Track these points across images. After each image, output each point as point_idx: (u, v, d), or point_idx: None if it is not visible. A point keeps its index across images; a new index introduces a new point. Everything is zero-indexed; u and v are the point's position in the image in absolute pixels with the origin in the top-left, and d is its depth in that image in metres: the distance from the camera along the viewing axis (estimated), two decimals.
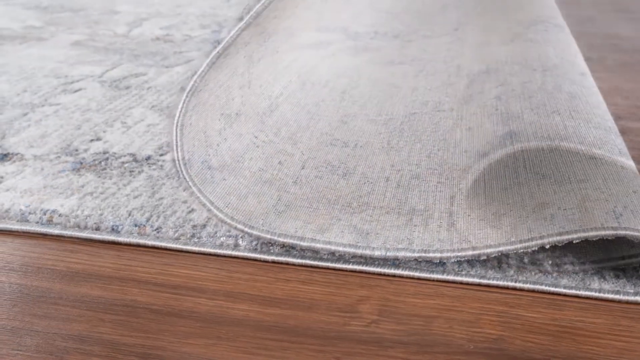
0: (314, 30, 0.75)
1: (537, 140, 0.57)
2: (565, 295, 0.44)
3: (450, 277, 0.46)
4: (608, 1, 1.37)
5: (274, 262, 0.49)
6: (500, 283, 0.45)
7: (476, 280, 0.45)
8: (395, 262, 0.47)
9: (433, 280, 0.46)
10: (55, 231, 0.53)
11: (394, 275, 0.47)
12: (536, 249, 0.44)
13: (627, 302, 0.43)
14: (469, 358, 0.39)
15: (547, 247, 0.43)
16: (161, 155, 0.64)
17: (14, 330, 0.43)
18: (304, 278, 0.47)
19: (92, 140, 0.68)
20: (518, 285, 0.45)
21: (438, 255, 0.45)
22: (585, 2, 1.37)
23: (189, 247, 0.50)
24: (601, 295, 0.43)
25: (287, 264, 0.49)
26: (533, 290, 0.45)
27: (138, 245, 0.51)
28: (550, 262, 0.46)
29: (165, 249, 0.51)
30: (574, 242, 0.43)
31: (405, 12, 1.13)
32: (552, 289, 0.44)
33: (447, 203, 0.51)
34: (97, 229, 0.53)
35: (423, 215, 0.50)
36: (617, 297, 0.43)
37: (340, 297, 0.45)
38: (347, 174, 0.55)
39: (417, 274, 0.46)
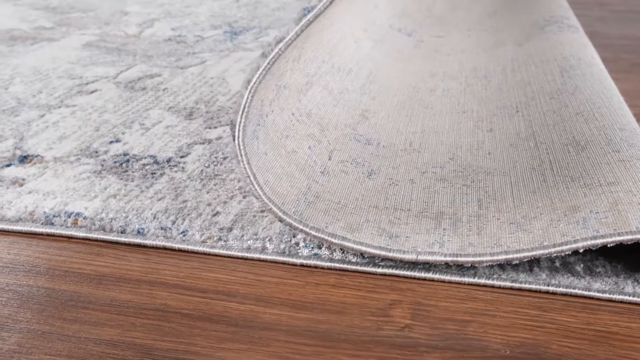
0: (349, 13, 0.75)
1: (562, 143, 0.57)
2: (598, 299, 0.44)
3: (482, 281, 0.45)
4: (617, 2, 1.37)
5: (302, 265, 0.49)
6: (533, 287, 0.45)
7: (508, 283, 0.45)
8: (426, 266, 0.47)
9: (464, 283, 0.46)
10: (81, 234, 0.52)
11: (424, 279, 0.47)
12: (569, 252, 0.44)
13: None
14: None
15: (581, 251, 0.43)
16: (182, 157, 0.64)
17: (45, 335, 0.42)
18: (334, 282, 0.47)
19: (111, 142, 0.68)
20: (551, 289, 0.44)
21: (470, 259, 0.45)
22: (593, 2, 1.36)
23: (216, 251, 0.50)
24: (635, 299, 0.43)
25: (316, 267, 0.48)
26: (566, 294, 0.44)
27: (164, 249, 0.51)
28: (582, 265, 0.46)
29: (192, 252, 0.51)
30: (608, 245, 0.43)
31: (417, 10, 1.13)
32: (585, 292, 0.44)
33: (474, 206, 0.51)
34: (123, 232, 0.52)
35: (452, 218, 0.50)
36: None
37: (371, 301, 0.45)
38: (372, 173, 0.55)
39: (448, 277, 0.46)
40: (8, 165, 0.63)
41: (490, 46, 0.95)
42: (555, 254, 0.43)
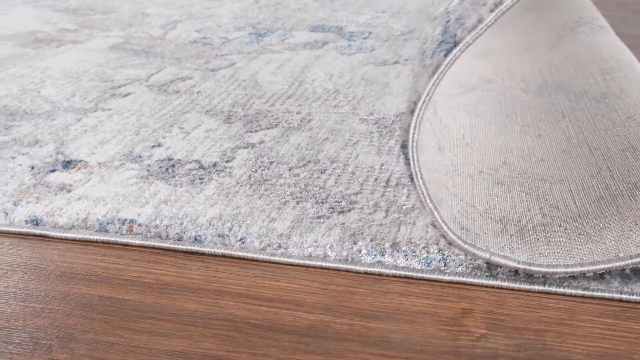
0: None
1: (618, 148, 0.56)
2: None
3: (553, 289, 0.45)
4: (638, 2, 1.37)
5: (366, 273, 0.48)
6: (606, 295, 0.44)
7: (580, 292, 0.44)
8: (493, 273, 0.46)
9: (534, 291, 0.45)
10: (137, 241, 0.52)
11: (492, 287, 0.46)
12: None
13: None
14: None
15: None
16: (227, 162, 0.63)
17: (115, 346, 0.42)
18: (400, 290, 0.46)
19: (153, 147, 0.67)
20: (624, 297, 0.44)
21: (544, 270, 0.44)
22: (613, 3, 1.36)
23: (277, 259, 0.49)
24: None
25: (380, 275, 0.48)
26: (639, 302, 0.44)
27: (223, 256, 0.50)
28: None
29: (252, 259, 0.50)
30: None
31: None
32: None
33: (538, 215, 0.50)
34: (180, 239, 0.52)
35: (517, 225, 0.49)
36: None
37: (442, 309, 0.44)
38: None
39: (517, 285, 0.45)
40: (53, 171, 0.62)
41: (521, 48, 0.94)
42: (632, 266, 0.43)
